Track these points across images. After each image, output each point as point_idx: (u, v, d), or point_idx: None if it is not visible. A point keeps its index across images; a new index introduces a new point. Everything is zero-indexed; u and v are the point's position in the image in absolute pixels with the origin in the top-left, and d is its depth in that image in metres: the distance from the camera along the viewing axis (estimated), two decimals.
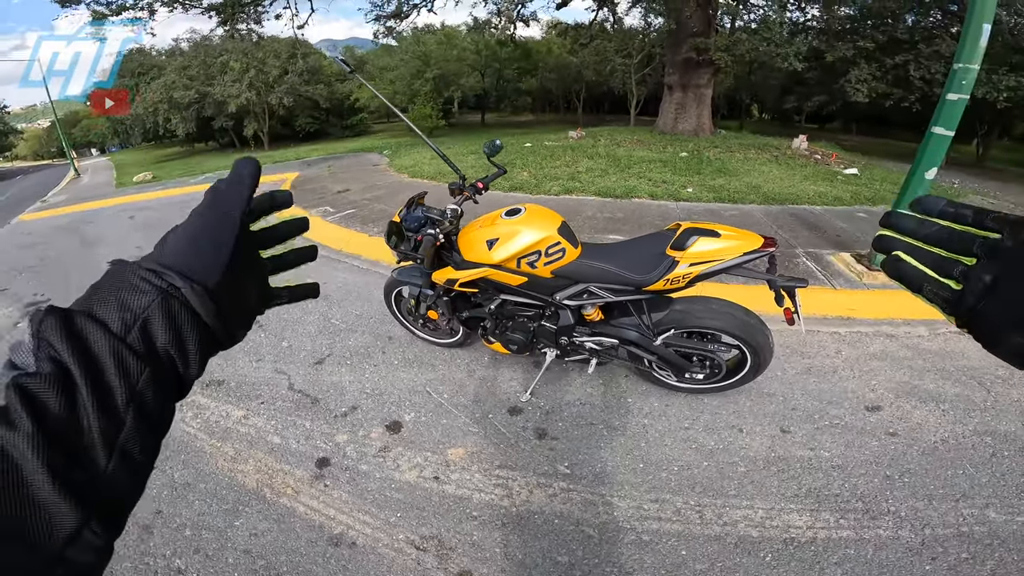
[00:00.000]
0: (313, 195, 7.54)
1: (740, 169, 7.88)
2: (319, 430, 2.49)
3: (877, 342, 2.98)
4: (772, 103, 27.31)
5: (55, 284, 5.25)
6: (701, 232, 1.87)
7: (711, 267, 1.85)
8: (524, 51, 26.72)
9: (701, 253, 1.85)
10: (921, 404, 2.42)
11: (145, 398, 0.31)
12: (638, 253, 2.03)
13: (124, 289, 0.33)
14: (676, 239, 1.90)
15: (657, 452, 2.20)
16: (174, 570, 1.83)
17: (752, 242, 1.84)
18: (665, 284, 1.92)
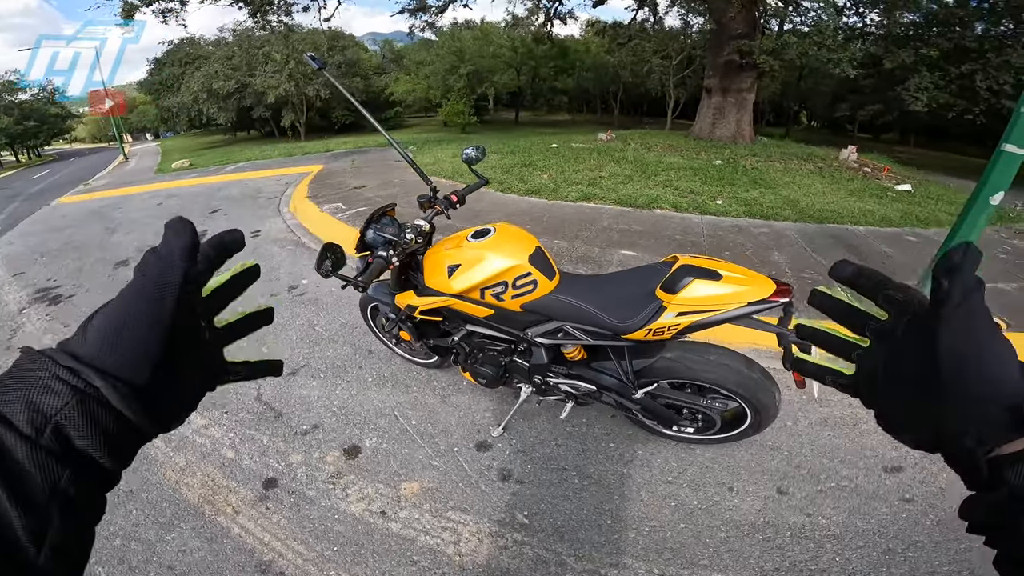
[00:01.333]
0: (330, 190, 7.45)
1: (778, 181, 7.35)
2: (275, 447, 2.33)
3: None
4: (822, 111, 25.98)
5: (68, 271, 5.29)
6: (698, 272, 1.54)
7: (704, 318, 1.53)
8: (561, 49, 26.32)
9: (694, 300, 1.52)
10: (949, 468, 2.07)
11: (69, 495, 0.29)
12: (621, 291, 1.71)
13: (34, 388, 0.29)
14: (668, 279, 1.58)
15: (630, 508, 1.93)
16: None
17: (760, 289, 1.50)
18: (646, 334, 1.61)
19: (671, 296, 1.54)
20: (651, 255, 4.11)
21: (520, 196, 6.22)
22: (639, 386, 1.86)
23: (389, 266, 1.69)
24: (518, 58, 26.43)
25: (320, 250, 1.44)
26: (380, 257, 1.67)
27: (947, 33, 10.41)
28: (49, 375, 0.30)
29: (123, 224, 7.38)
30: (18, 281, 5.19)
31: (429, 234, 1.99)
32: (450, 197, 2.10)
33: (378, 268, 1.64)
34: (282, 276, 4.39)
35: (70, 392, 0.30)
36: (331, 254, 1.45)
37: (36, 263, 5.81)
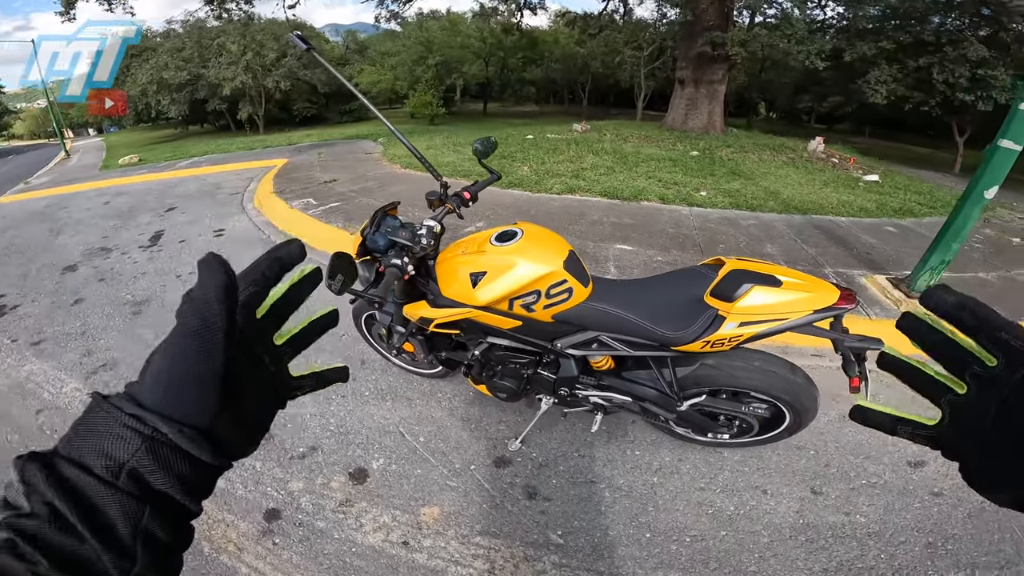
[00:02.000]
0: (298, 185, 7.05)
1: (755, 172, 7.41)
2: (271, 474, 2.09)
3: None
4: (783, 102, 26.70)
5: (12, 279, 4.77)
6: (755, 277, 1.41)
7: (768, 328, 1.40)
8: (530, 40, 26.04)
9: (756, 308, 1.39)
10: None
11: (151, 531, 0.30)
12: (667, 298, 1.57)
13: (105, 437, 0.31)
14: (720, 284, 1.44)
15: (667, 519, 1.83)
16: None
17: (824, 295, 1.39)
18: (704, 346, 1.46)
19: (728, 304, 1.40)
20: (647, 249, 4.00)
21: (503, 189, 6.01)
22: (684, 397, 1.73)
23: (404, 276, 1.49)
24: (487, 49, 25.95)
25: (329, 262, 1.22)
26: (394, 266, 1.46)
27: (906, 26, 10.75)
28: (118, 424, 0.31)
29: (69, 225, 6.78)
30: None
31: (439, 237, 1.78)
32: (462, 194, 1.88)
33: (392, 279, 1.42)
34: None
35: (139, 439, 0.30)
36: (343, 266, 1.23)
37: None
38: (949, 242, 3.14)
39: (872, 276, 3.61)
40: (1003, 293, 3.46)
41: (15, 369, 3.07)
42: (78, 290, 4.28)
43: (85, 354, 3.18)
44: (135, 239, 5.68)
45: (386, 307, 2.04)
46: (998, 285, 3.60)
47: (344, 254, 1.25)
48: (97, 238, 5.90)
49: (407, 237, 1.55)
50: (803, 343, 2.90)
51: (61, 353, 3.22)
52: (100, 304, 3.94)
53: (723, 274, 1.46)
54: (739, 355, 1.67)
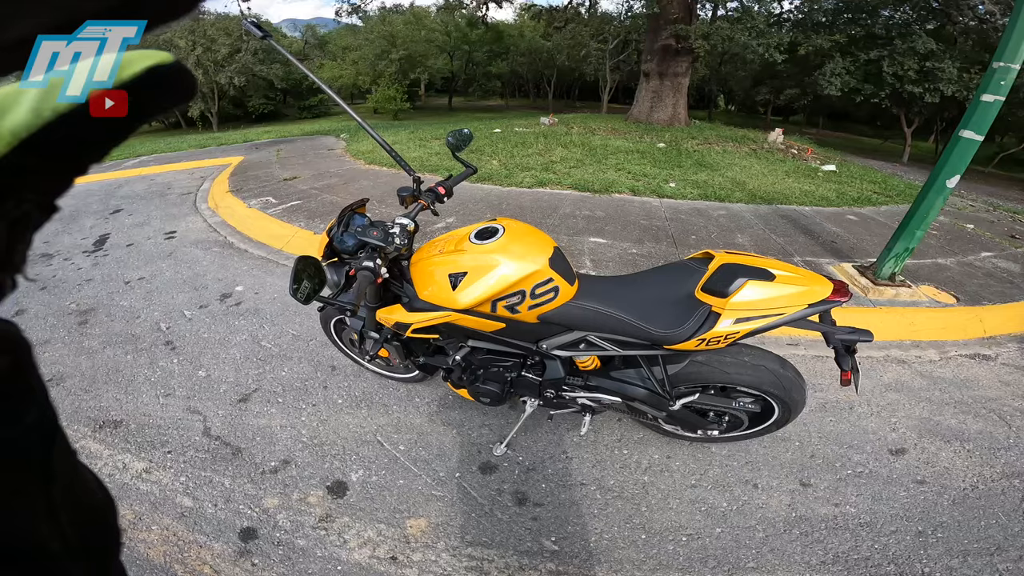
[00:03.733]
0: (255, 183, 6.73)
1: (720, 163, 7.53)
2: (242, 491, 1.95)
3: (890, 370, 2.67)
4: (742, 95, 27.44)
5: None
6: (748, 271, 1.36)
7: (765, 324, 1.35)
8: (495, 34, 25.88)
9: (751, 304, 1.34)
10: (945, 444, 2.16)
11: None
12: (657, 295, 1.51)
13: None
14: (711, 279, 1.39)
15: (661, 518, 1.80)
16: None
17: (818, 289, 1.36)
18: (699, 344, 1.41)
19: (722, 300, 1.35)
20: (621, 242, 3.97)
21: (472, 183, 5.88)
22: (676, 395, 1.67)
23: (377, 279, 1.36)
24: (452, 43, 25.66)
25: (293, 268, 1.10)
26: (366, 269, 1.33)
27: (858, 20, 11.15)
28: None
29: None
30: None
31: (413, 235, 1.66)
32: (437, 189, 1.76)
33: (365, 284, 1.30)
34: (210, 284, 3.82)
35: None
36: (311, 272, 1.11)
37: None
38: (913, 230, 3.23)
39: (839, 264, 3.69)
40: (962, 278, 3.59)
41: None
42: (18, 300, 3.93)
43: None
44: (78, 244, 5.28)
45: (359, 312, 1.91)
46: (957, 270, 3.74)
47: (309, 258, 1.13)
48: (37, 243, 5.45)
49: (379, 237, 1.42)
50: (778, 333, 2.93)
51: None
52: (43, 315, 3.62)
53: (714, 268, 1.41)
54: (729, 351, 1.63)
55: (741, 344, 1.66)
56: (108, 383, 2.69)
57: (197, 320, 3.29)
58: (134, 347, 3.05)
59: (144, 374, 2.75)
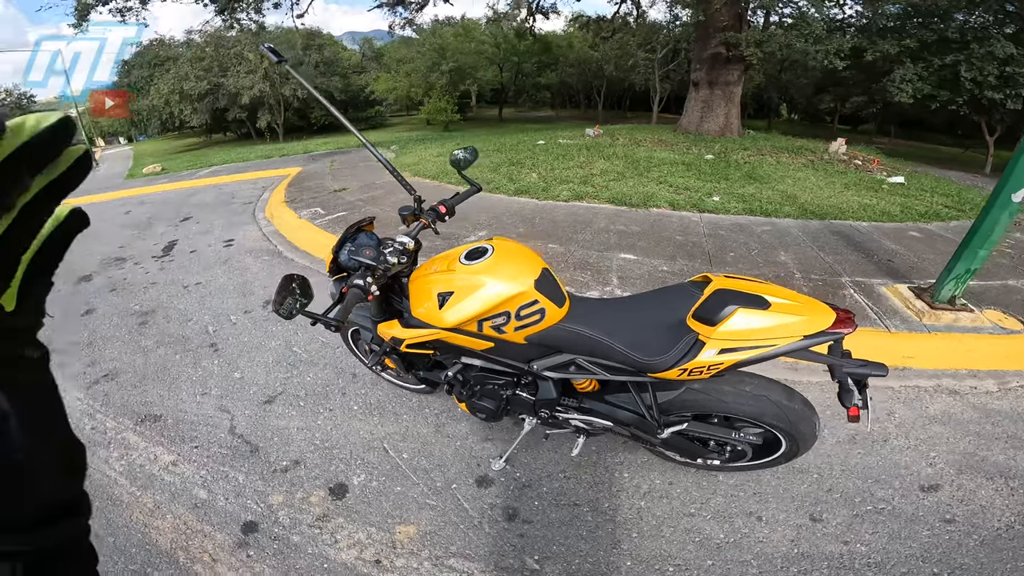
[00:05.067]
0: (308, 194, 7.11)
1: (772, 175, 7.20)
2: (252, 486, 2.08)
3: (938, 401, 2.45)
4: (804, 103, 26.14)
5: None
6: (741, 298, 1.29)
7: (751, 356, 1.28)
8: (544, 45, 26.02)
9: (739, 334, 1.27)
10: (987, 481, 1.96)
11: None
12: (648, 321, 1.46)
13: None
14: (703, 305, 1.33)
15: (651, 546, 1.73)
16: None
17: (817, 319, 1.27)
18: (680, 374, 1.36)
19: (709, 328, 1.29)
20: (652, 259, 3.88)
21: (509, 196, 5.95)
22: (665, 424, 1.62)
23: (367, 296, 1.41)
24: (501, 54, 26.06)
25: (280, 284, 1.16)
26: (356, 286, 1.38)
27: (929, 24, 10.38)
28: None
29: (88, 235, 6.70)
30: None
31: (414, 252, 1.71)
32: (438, 208, 1.81)
33: (353, 301, 1.35)
34: (257, 290, 4.07)
35: None
36: (295, 288, 1.17)
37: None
38: (976, 249, 2.95)
39: (893, 285, 3.43)
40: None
41: None
42: (90, 300, 4.34)
43: (89, 364, 3.20)
44: (149, 249, 5.77)
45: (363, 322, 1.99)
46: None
47: (295, 276, 1.19)
48: (114, 248, 6.01)
49: (371, 256, 1.47)
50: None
51: (67, 363, 3.25)
52: (109, 315, 3.98)
53: (707, 294, 1.35)
54: (729, 379, 1.56)
55: (743, 373, 1.58)
56: (155, 380, 2.92)
57: (240, 325, 3.51)
58: (183, 348, 3.29)
59: (187, 373, 2.96)
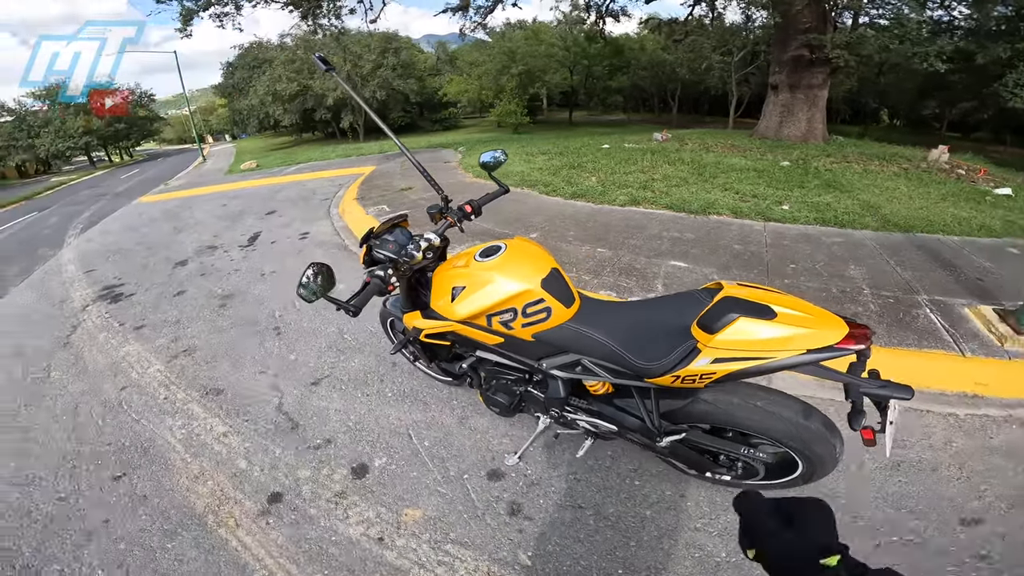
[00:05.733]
0: (377, 192, 7.52)
1: (856, 184, 6.66)
2: (286, 460, 2.29)
3: (1006, 431, 2.20)
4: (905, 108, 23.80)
5: (134, 270, 5.58)
6: (746, 307, 1.24)
7: (747, 367, 1.23)
8: (615, 47, 25.56)
9: (736, 343, 1.22)
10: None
11: None
12: (650, 325, 1.45)
13: None
14: (708, 313, 1.29)
15: (647, 556, 1.70)
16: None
17: (826, 332, 1.18)
18: (673, 380, 1.34)
19: (708, 336, 1.25)
20: (704, 267, 3.76)
21: (566, 199, 5.97)
22: (665, 432, 1.59)
23: (387, 287, 1.51)
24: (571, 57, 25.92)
25: (305, 270, 1.29)
26: (377, 277, 1.49)
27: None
28: None
29: (189, 224, 7.78)
30: (88, 278, 5.52)
31: (441, 248, 1.81)
32: (464, 208, 1.91)
33: (373, 290, 1.45)
34: None
35: None
36: (318, 275, 1.30)
37: (108, 260, 6.19)
38: None
39: (977, 306, 3.08)
40: None
41: (116, 349, 3.57)
42: (183, 283, 4.89)
43: (173, 340, 3.63)
44: (237, 239, 6.38)
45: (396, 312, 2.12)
46: None
47: (321, 264, 1.32)
48: (208, 237, 6.71)
49: (392, 250, 1.59)
50: None
51: (155, 337, 3.70)
52: (196, 297, 4.47)
53: (716, 301, 1.31)
54: (739, 391, 1.50)
55: (756, 385, 1.52)
56: (225, 357, 3.26)
57: (303, 311, 3.82)
58: (252, 329, 3.63)
59: (252, 353, 3.27)
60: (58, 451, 2.55)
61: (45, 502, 2.22)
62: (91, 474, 2.36)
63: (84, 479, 2.33)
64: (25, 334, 4.12)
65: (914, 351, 2.70)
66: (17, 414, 2.93)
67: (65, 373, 3.33)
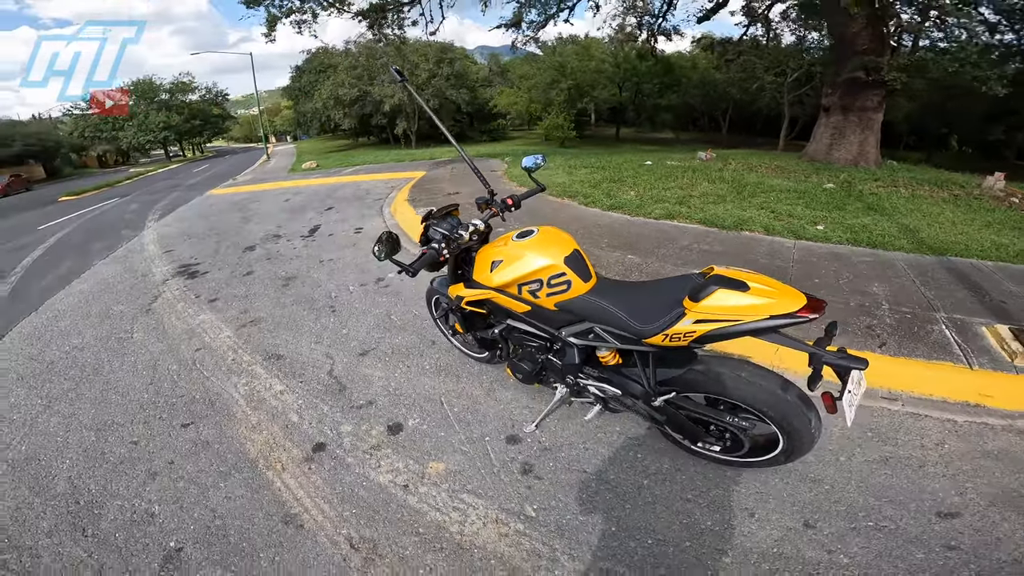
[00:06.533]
0: (426, 195, 8.03)
1: (899, 208, 6.60)
2: (332, 417, 2.63)
3: (1002, 439, 2.28)
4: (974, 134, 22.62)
5: (207, 252, 6.26)
6: (725, 282, 1.53)
7: (721, 328, 1.51)
8: (666, 65, 25.51)
9: (714, 308, 1.51)
10: (1018, 516, 1.83)
11: None
12: (653, 298, 1.74)
13: None
14: (695, 286, 1.58)
15: (639, 517, 1.90)
16: (147, 513, 2.09)
17: (788, 302, 1.45)
18: (663, 339, 1.63)
19: (694, 304, 1.54)
20: None
21: (603, 211, 6.24)
22: (659, 393, 1.87)
23: (440, 257, 1.90)
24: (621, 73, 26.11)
25: (378, 237, 1.67)
26: (432, 248, 1.88)
27: None
28: None
29: (256, 215, 8.53)
30: (167, 257, 6.24)
31: (485, 233, 2.18)
32: (506, 200, 2.28)
33: (429, 258, 1.85)
34: (373, 270, 4.84)
35: None
36: (388, 241, 1.68)
37: (184, 243, 6.94)
38: None
39: (994, 325, 3.15)
40: None
41: (192, 317, 4.12)
42: (251, 265, 5.48)
43: (242, 312, 4.14)
44: (298, 230, 7.00)
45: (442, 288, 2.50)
46: None
47: (391, 233, 1.71)
48: (273, 227, 7.38)
49: (445, 228, 1.98)
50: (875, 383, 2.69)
51: (226, 309, 4.23)
52: (263, 277, 5.02)
53: (706, 279, 1.59)
54: (728, 363, 1.76)
55: (744, 359, 1.78)
56: (285, 329, 3.72)
57: (356, 294, 4.26)
58: (310, 307, 4.10)
59: (309, 326, 3.72)
60: (136, 401, 2.93)
61: (119, 445, 2.55)
62: (163, 422, 2.71)
63: (156, 426, 2.68)
64: (112, 301, 4.76)
65: (921, 361, 2.82)
66: (101, 368, 3.39)
67: (147, 335, 3.86)
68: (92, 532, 2.02)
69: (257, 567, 1.80)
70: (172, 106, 41.99)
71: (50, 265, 6.68)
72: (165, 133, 40.86)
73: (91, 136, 40.01)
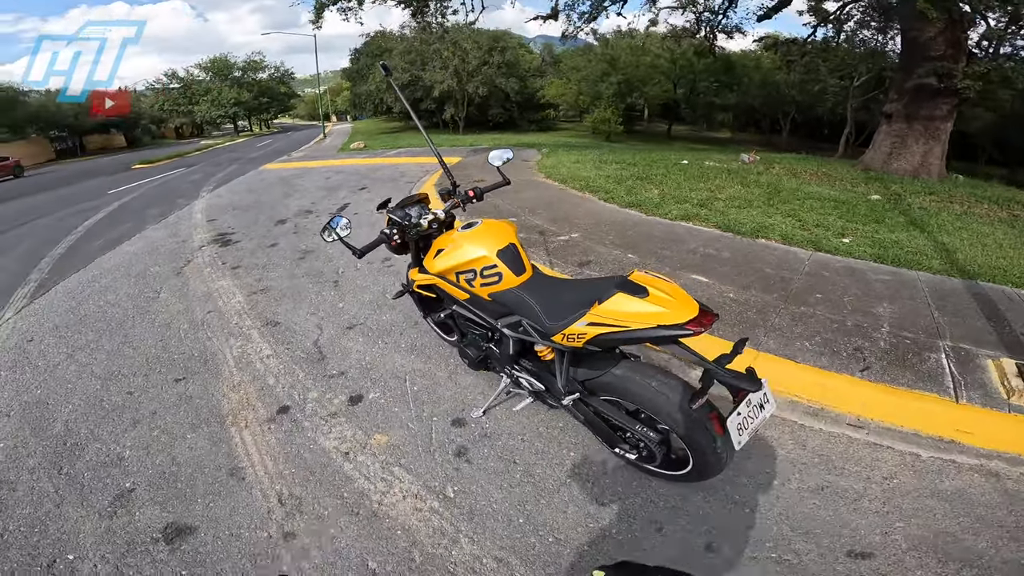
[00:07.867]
0: None
1: (945, 225, 6.15)
2: (304, 383, 2.82)
3: (963, 479, 2.12)
4: None
5: (245, 223, 6.69)
6: (629, 286, 1.56)
7: (609, 332, 1.53)
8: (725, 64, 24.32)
9: (609, 312, 1.54)
10: (938, 564, 1.71)
11: None
12: (572, 297, 1.77)
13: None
14: (608, 289, 1.61)
15: (547, 514, 1.93)
16: (118, 457, 2.33)
17: (677, 314, 1.45)
18: (562, 339, 1.68)
19: (596, 306, 1.58)
20: (724, 284, 3.87)
21: (620, 207, 6.18)
22: (568, 392, 1.90)
23: (392, 242, 2.03)
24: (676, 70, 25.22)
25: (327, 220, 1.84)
26: (383, 233, 2.01)
27: None
28: None
29: (297, 191, 8.99)
30: (209, 225, 6.72)
31: (447, 222, 2.28)
32: (468, 192, 2.36)
33: (377, 242, 1.98)
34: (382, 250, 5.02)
35: None
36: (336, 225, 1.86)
37: (227, 213, 7.43)
38: None
39: (1001, 359, 2.95)
40: None
41: (213, 282, 4.46)
42: (277, 237, 5.83)
43: (256, 280, 4.44)
44: (329, 208, 7.35)
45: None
46: None
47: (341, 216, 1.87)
48: (308, 203, 7.77)
49: (401, 217, 2.10)
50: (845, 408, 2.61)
51: (245, 276, 4.55)
52: (284, 249, 5.34)
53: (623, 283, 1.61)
54: (644, 371, 1.76)
55: (658, 369, 1.79)
56: (288, 299, 3.97)
57: (362, 271, 4.48)
58: (316, 280, 4.35)
59: (310, 298, 3.96)
60: (144, 355, 3.25)
61: (116, 394, 2.82)
62: (160, 376, 2.99)
63: (153, 379, 2.96)
64: (151, 263, 5.22)
65: (902, 390, 2.69)
66: (124, 323, 3.76)
67: (172, 295, 4.23)
68: (67, 471, 2.26)
69: (191, 511, 2.00)
70: (243, 83, 44.47)
71: (107, 227, 7.35)
72: (235, 109, 43.38)
73: (170, 109, 43.16)
